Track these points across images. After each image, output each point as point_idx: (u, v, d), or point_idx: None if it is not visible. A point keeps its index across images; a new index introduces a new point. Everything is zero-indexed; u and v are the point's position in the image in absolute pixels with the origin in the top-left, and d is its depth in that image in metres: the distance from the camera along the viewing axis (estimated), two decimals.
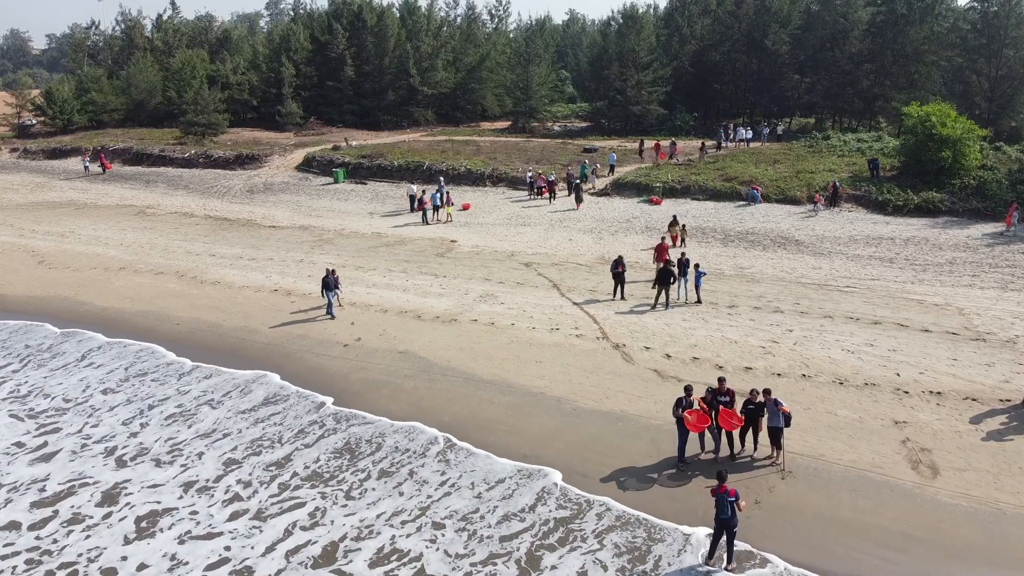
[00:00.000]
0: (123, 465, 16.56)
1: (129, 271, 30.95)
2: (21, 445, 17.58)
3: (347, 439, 17.31)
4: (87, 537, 14.05)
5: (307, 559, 13.30)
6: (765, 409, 15.26)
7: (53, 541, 13.97)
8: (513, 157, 49.82)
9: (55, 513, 14.85)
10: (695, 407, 15.46)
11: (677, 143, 48.70)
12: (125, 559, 13.45)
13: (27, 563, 13.39)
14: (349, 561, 13.22)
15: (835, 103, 58.69)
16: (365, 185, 47.56)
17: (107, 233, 37.69)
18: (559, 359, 20.89)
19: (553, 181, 41.85)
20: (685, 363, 20.26)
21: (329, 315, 24.54)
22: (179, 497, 15.25)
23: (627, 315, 23.95)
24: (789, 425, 15.25)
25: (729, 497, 12.21)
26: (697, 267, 24.73)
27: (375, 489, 15.30)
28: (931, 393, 18.08)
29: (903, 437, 16.30)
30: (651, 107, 58.65)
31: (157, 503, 15.08)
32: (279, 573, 12.98)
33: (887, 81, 54.85)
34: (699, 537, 13.38)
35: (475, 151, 52.05)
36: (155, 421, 18.54)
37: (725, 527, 12.43)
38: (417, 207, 39.50)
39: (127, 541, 13.91)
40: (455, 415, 18.21)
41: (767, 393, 15.38)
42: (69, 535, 14.12)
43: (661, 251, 26.44)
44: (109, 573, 13.14)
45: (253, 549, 13.59)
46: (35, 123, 73.48)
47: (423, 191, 39.94)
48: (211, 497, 15.23)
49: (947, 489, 14.60)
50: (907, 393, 18.11)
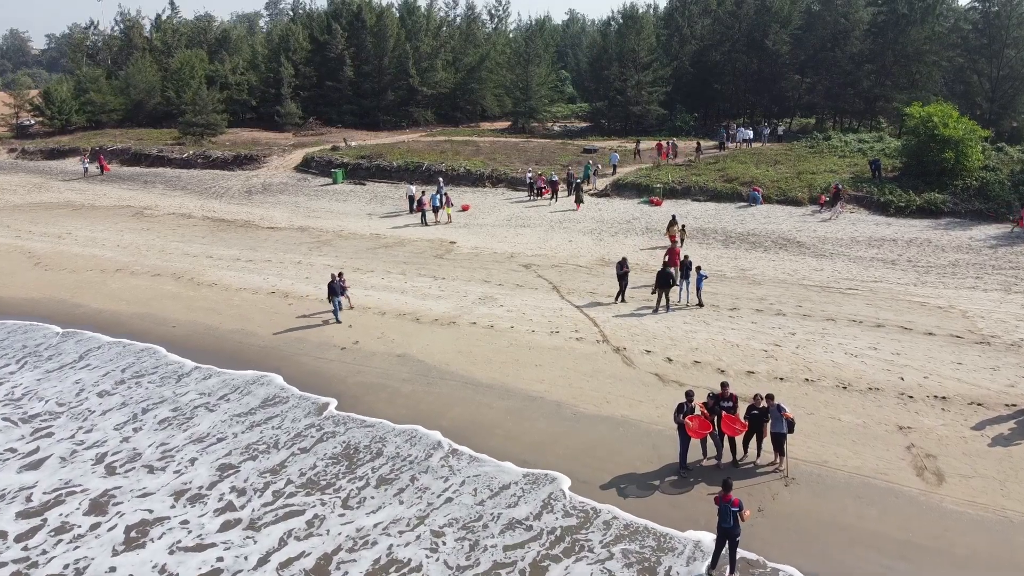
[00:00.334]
0: (113, 472, 16.26)
1: (126, 273, 30.71)
2: (14, 451, 17.32)
3: (345, 444, 17.07)
4: (75, 548, 13.79)
5: (300, 572, 13.00)
6: (768, 415, 15.04)
7: (43, 552, 13.70)
8: (513, 158, 49.58)
9: (43, 522, 14.58)
10: (696, 413, 15.24)
11: (678, 143, 48.42)
12: (113, 570, 13.20)
13: (13, 575, 13.14)
14: (344, 573, 12.95)
15: (836, 103, 58.41)
16: (364, 186, 47.32)
17: (104, 234, 37.45)
18: (559, 362, 20.66)
19: (556, 181, 41.65)
20: (686, 367, 20.03)
21: (336, 321, 24.04)
22: (171, 506, 14.96)
23: (627, 318, 23.72)
24: (792, 431, 15.03)
25: (733, 507, 11.98)
26: (699, 269, 24.48)
27: (374, 497, 15.03)
28: (936, 398, 17.84)
29: (908, 443, 16.07)
30: (651, 107, 58.44)
31: (148, 511, 14.80)
32: None
33: (888, 81, 54.61)
34: (707, 544, 13.11)
35: (475, 151, 51.81)
36: (149, 425, 18.30)
37: (728, 536, 12.20)
38: (416, 208, 39.29)
39: (115, 552, 13.64)
40: (453, 419, 17.98)
41: (770, 398, 15.16)
42: (57, 545, 13.85)
43: (673, 255, 25.74)
44: None
45: (247, 560, 13.34)
46: (33, 123, 73.27)
47: (423, 192, 39.71)
48: (204, 505, 14.96)
49: (953, 496, 14.37)
50: (911, 398, 17.88)
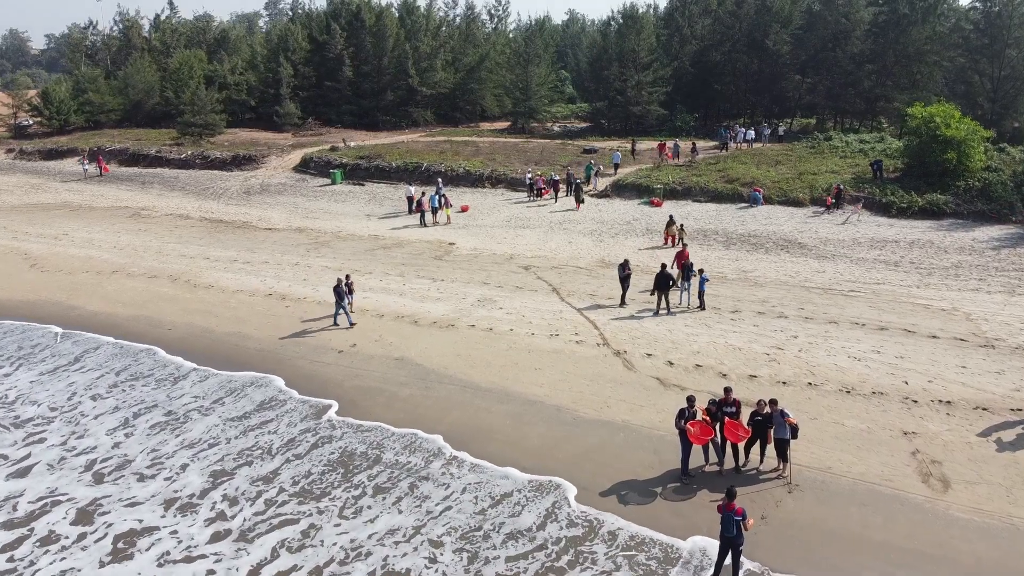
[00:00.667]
0: (102, 480, 15.94)
1: (122, 274, 30.47)
2: (5, 458, 17.05)
3: (342, 449, 16.82)
4: (62, 559, 13.49)
5: None
6: (772, 420, 14.80)
7: (29, 563, 13.42)
8: (512, 158, 49.33)
9: (30, 532, 14.30)
10: (698, 418, 15.01)
11: (680, 144, 47.98)
12: None
13: None
14: None
15: (836, 103, 58.18)
16: (363, 186, 47.08)
17: (101, 235, 37.21)
18: (558, 366, 20.42)
19: (557, 180, 41.50)
20: (688, 371, 19.79)
21: (348, 325, 23.54)
22: (161, 515, 14.63)
23: (628, 320, 23.48)
24: (796, 437, 14.77)
25: (736, 516, 11.76)
26: (701, 272, 24.23)
27: (371, 507, 14.72)
28: (940, 402, 17.60)
29: (913, 448, 15.84)
30: (651, 107, 58.20)
31: (138, 521, 14.45)
32: None
33: (889, 81, 54.38)
34: (712, 552, 12.84)
35: (474, 152, 51.57)
36: (141, 430, 18.03)
37: (731, 546, 11.98)
38: (415, 209, 39.05)
39: (102, 564, 13.32)
40: (452, 424, 17.74)
41: (774, 404, 14.92)
42: (43, 556, 13.55)
43: (682, 258, 25.22)
44: None
45: (237, 572, 13.05)
46: (31, 124, 73.05)
47: (423, 193, 39.44)
48: (195, 514, 14.63)
49: (959, 503, 14.14)
50: (916, 402, 17.64)
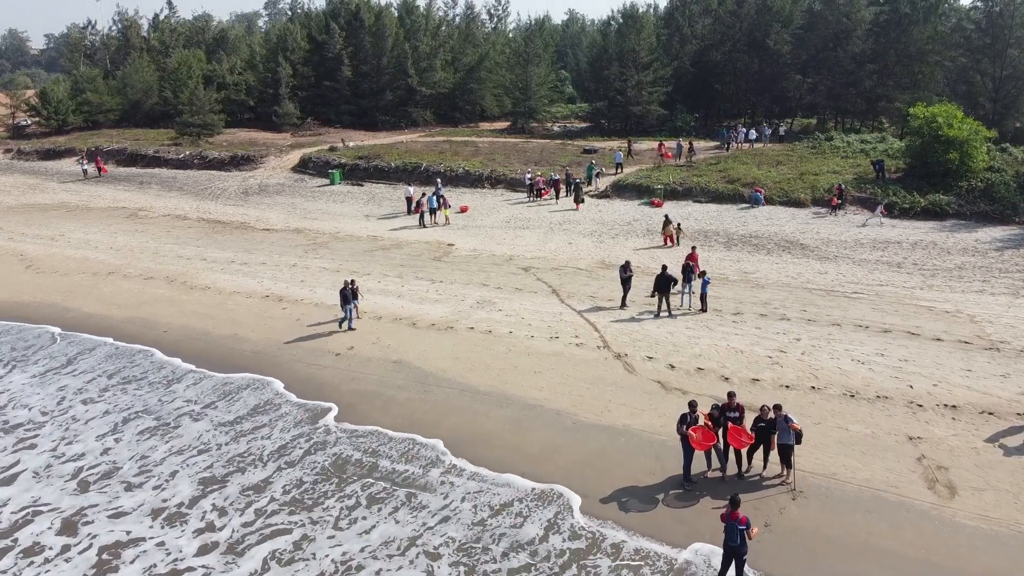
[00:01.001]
0: (87, 488, 15.60)
1: (118, 276, 30.21)
2: None
3: (336, 456, 16.52)
4: (47, 572, 13.19)
5: None
6: (776, 426, 14.54)
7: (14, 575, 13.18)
8: (512, 158, 49.08)
9: (14, 543, 13.98)
10: (700, 423, 14.76)
11: (683, 143, 47.53)
12: None
13: None
14: None
15: (837, 103, 57.94)
16: (362, 187, 46.82)
17: (97, 236, 36.95)
18: (558, 369, 20.17)
19: (558, 180, 41.33)
20: (689, 374, 19.53)
21: (350, 328, 23.24)
22: (149, 526, 14.29)
23: (629, 323, 23.21)
24: (800, 442, 14.53)
25: (740, 525, 11.51)
26: (703, 274, 23.97)
27: (366, 517, 14.35)
28: (946, 407, 17.35)
29: (918, 454, 15.59)
30: (651, 107, 57.94)
31: (126, 532, 14.09)
32: None
33: (890, 81, 54.13)
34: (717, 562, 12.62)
35: (474, 152, 51.32)
36: (130, 436, 17.74)
37: (734, 555, 11.73)
38: (414, 209, 38.79)
39: None
40: (450, 429, 17.48)
41: (777, 409, 14.66)
42: (27, 568, 13.24)
43: (693, 260, 24.84)
44: None
45: None
46: (30, 124, 72.76)
47: (423, 194, 39.09)
48: (184, 525, 14.24)
49: (965, 510, 13.90)
50: (921, 407, 17.38)
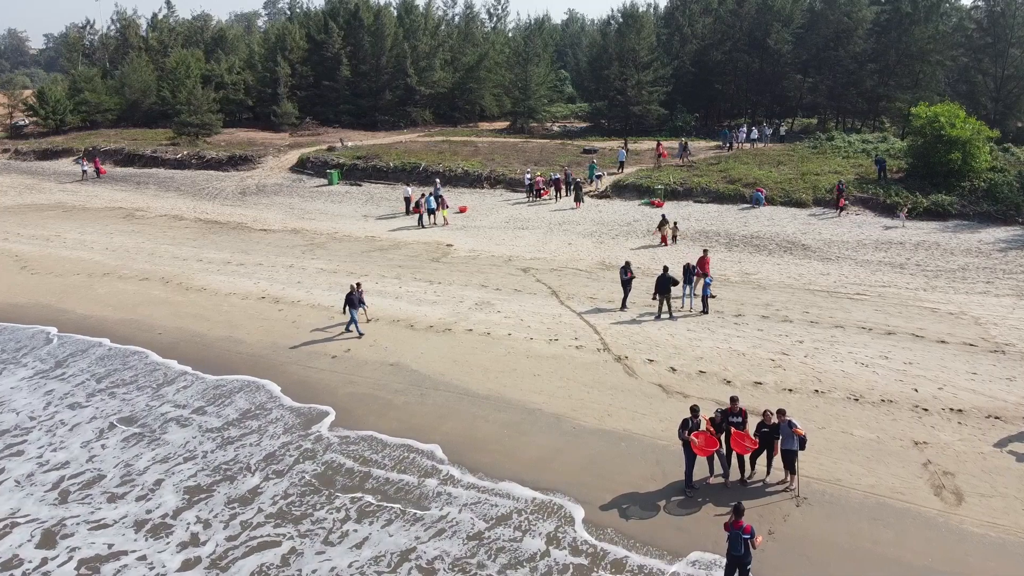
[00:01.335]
0: (67, 498, 15.21)
1: (113, 277, 29.92)
2: None
3: (328, 463, 16.15)
4: None
5: None
6: (779, 431, 14.26)
7: None
8: (511, 158, 48.80)
9: None
10: (702, 429, 14.48)
11: (686, 143, 47.17)
12: None
13: None
14: None
15: (838, 103, 57.67)
16: (360, 187, 46.53)
17: (93, 237, 36.65)
18: (558, 372, 19.88)
19: (559, 179, 41.10)
20: (691, 377, 19.25)
21: (357, 334, 22.71)
22: (131, 539, 13.88)
23: (629, 325, 22.93)
24: (804, 448, 14.24)
25: (744, 534, 11.22)
26: (705, 275, 23.67)
27: (356, 530, 13.94)
28: (952, 411, 17.07)
29: (924, 459, 15.31)
30: (651, 107, 57.67)
31: (107, 545, 13.70)
32: None
33: (891, 81, 53.86)
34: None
35: (473, 152, 51.03)
36: (115, 443, 17.40)
37: (738, 565, 11.45)
38: (413, 209, 38.49)
39: None
40: (447, 433, 17.19)
41: (781, 414, 14.37)
42: None
43: (703, 264, 24.49)
44: None
45: None
46: (27, 123, 72.43)
47: (423, 195, 38.73)
48: (167, 537, 13.85)
49: (973, 517, 13.61)
50: (926, 411, 17.10)
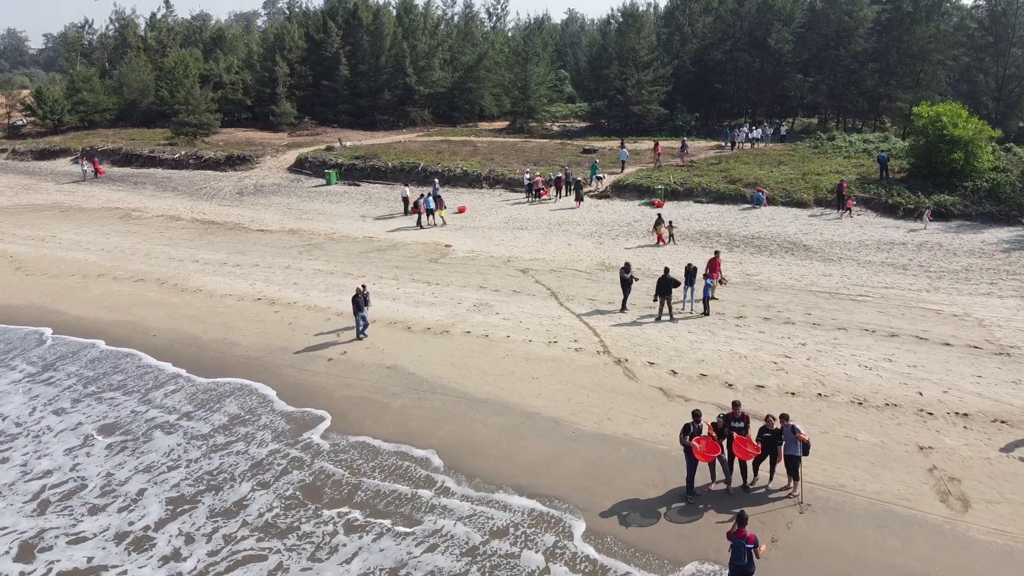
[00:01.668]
0: (45, 509, 14.90)
1: (108, 278, 29.63)
2: None
3: (320, 471, 15.81)
4: None
5: None
6: (782, 437, 13.99)
7: None
8: (511, 158, 48.53)
9: None
10: (704, 434, 14.21)
11: (688, 142, 46.93)
12: None
13: None
14: None
15: (839, 103, 57.44)
16: (358, 187, 46.25)
17: (89, 237, 36.38)
18: (557, 375, 19.60)
19: (559, 178, 40.86)
20: (692, 380, 18.97)
21: (362, 336, 22.35)
22: (113, 552, 13.49)
23: (629, 327, 22.65)
24: (807, 453, 13.96)
25: (748, 543, 10.95)
26: (706, 277, 23.39)
27: (346, 545, 13.51)
28: (957, 415, 16.79)
29: (930, 465, 15.03)
30: (651, 107, 57.43)
31: (87, 559, 13.36)
32: None
33: (892, 80, 53.62)
34: None
35: (472, 152, 50.76)
36: (99, 450, 17.09)
37: (741, 575, 11.17)
38: (412, 210, 38.21)
39: None
40: (444, 438, 16.91)
41: (784, 419, 14.09)
42: None
43: (714, 266, 24.24)
44: None
45: None
46: (25, 123, 72.21)
47: (422, 195, 38.42)
48: (150, 551, 13.49)
49: (980, 524, 13.34)
50: (931, 415, 16.82)
